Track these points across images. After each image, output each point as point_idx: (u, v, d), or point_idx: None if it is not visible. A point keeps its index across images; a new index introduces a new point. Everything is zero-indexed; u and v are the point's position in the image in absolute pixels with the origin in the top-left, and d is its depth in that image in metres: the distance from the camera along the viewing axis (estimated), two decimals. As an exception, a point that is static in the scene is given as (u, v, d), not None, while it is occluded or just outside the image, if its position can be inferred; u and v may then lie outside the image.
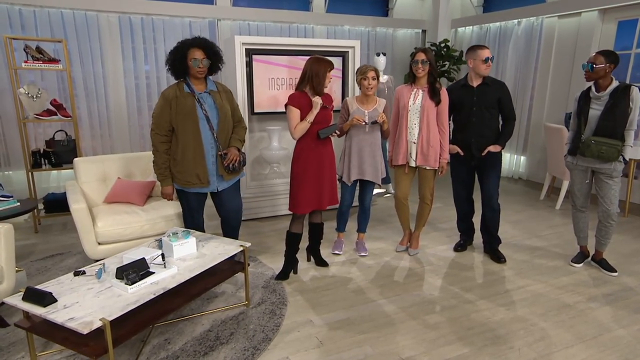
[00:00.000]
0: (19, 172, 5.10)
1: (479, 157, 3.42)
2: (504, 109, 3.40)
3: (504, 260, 3.55)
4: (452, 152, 3.48)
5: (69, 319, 1.94)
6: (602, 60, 2.98)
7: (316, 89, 3.00)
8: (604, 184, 3.18)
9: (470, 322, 2.71)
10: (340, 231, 3.77)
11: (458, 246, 3.80)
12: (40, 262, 3.53)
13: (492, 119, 3.40)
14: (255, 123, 4.74)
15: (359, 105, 3.38)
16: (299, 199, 3.10)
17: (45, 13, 4.98)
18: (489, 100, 3.34)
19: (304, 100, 3.01)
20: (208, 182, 2.96)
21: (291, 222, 3.22)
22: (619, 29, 5.22)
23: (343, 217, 3.71)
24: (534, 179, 6.26)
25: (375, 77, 3.27)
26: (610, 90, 3.03)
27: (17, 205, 3.28)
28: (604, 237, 3.32)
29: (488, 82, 3.36)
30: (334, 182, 3.24)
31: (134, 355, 2.35)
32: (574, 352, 2.43)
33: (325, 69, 2.98)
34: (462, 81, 3.48)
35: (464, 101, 3.40)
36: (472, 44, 6.94)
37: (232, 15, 5.89)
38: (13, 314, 2.73)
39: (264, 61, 4.37)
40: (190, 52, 2.79)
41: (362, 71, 3.28)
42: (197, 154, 2.89)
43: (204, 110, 2.85)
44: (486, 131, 3.38)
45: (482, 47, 3.30)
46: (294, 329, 2.62)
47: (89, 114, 5.38)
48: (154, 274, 2.31)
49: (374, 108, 3.39)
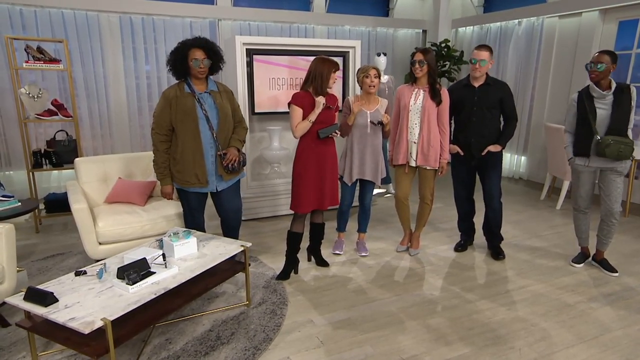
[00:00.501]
0: (19, 172, 5.11)
1: (479, 157, 3.42)
2: (506, 109, 3.39)
3: (502, 257, 3.59)
4: (452, 152, 3.48)
5: (70, 319, 1.95)
6: (607, 59, 2.98)
7: (320, 89, 3.01)
8: (611, 182, 3.18)
9: (471, 322, 2.71)
10: (340, 231, 3.77)
11: (458, 246, 3.81)
12: (41, 262, 3.53)
13: (493, 119, 3.40)
14: (255, 123, 4.75)
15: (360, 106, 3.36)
16: (301, 198, 3.10)
17: (46, 13, 4.98)
18: (490, 100, 3.34)
19: (307, 99, 3.02)
20: (207, 182, 2.96)
21: (292, 222, 3.22)
22: (619, 29, 5.22)
23: (343, 216, 3.70)
24: (535, 179, 6.26)
25: (377, 75, 3.27)
26: (614, 89, 3.04)
27: (18, 205, 3.28)
28: (606, 236, 3.32)
29: (490, 82, 3.35)
30: (335, 182, 3.24)
31: (135, 355, 2.36)
32: (574, 352, 2.43)
33: (329, 70, 2.99)
34: (464, 81, 3.47)
35: (465, 101, 3.40)
36: (472, 44, 7.02)
37: (232, 15, 5.90)
38: (14, 313, 2.73)
39: (265, 61, 4.37)
40: (191, 52, 2.80)
41: (363, 69, 3.28)
42: (196, 154, 2.89)
43: (203, 110, 2.85)
44: (486, 131, 3.38)
45: (478, 47, 3.31)
46: (294, 329, 2.62)
47: (90, 114, 5.39)
48: (155, 274, 2.31)
49: (375, 109, 3.38)
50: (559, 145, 4.79)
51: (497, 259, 3.60)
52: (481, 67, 3.27)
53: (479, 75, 3.32)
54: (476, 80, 3.37)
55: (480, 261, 3.60)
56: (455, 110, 3.48)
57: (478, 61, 3.26)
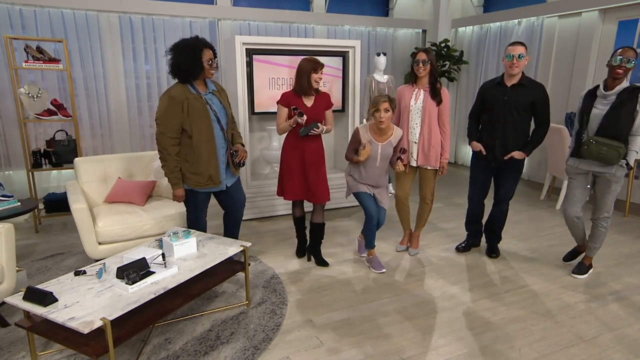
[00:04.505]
0: (19, 172, 5.11)
1: (501, 161, 3.29)
2: (537, 113, 3.20)
3: (495, 256, 3.62)
4: (476, 150, 3.39)
5: (70, 319, 1.95)
6: (634, 55, 2.81)
7: (304, 88, 3.12)
8: (601, 189, 3.07)
9: (470, 322, 2.71)
10: (371, 248, 3.45)
11: (461, 246, 3.78)
12: (41, 261, 3.53)
13: (522, 122, 3.21)
14: (255, 123, 4.75)
15: (372, 137, 3.15)
16: (284, 186, 3.34)
17: (45, 13, 4.98)
18: (520, 102, 3.15)
19: (293, 100, 3.17)
20: (220, 182, 2.98)
21: (292, 208, 3.53)
22: (619, 29, 5.22)
23: (374, 231, 3.37)
24: (535, 179, 6.26)
25: (388, 109, 3.03)
26: (618, 90, 2.88)
27: (18, 205, 3.28)
28: (595, 241, 3.24)
29: (524, 83, 3.15)
30: (321, 177, 3.30)
31: (135, 354, 2.35)
32: (574, 352, 2.42)
33: (309, 70, 3.08)
34: (497, 79, 3.30)
35: (494, 100, 3.24)
36: (472, 44, 7.03)
37: (232, 15, 5.90)
38: (14, 313, 2.73)
39: (265, 61, 4.37)
40: (205, 52, 2.77)
41: (374, 102, 3.06)
42: (211, 155, 2.89)
43: (213, 111, 2.86)
44: (512, 134, 3.21)
45: (512, 44, 3.13)
46: (294, 329, 2.62)
47: (90, 113, 5.39)
48: (155, 273, 2.31)
49: (387, 141, 3.16)
50: (559, 145, 4.79)
51: (490, 257, 3.63)
52: (519, 62, 3.06)
53: (517, 72, 3.11)
54: (510, 78, 3.17)
55: (480, 261, 3.60)
56: (484, 109, 3.36)
57: (514, 56, 3.05)
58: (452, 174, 6.79)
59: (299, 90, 3.17)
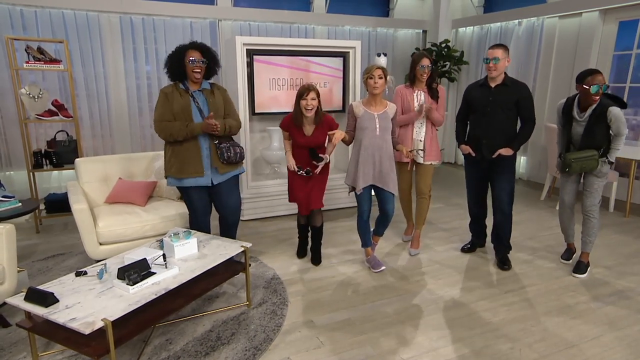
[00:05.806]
0: (20, 173, 5.11)
1: (490, 160, 3.33)
2: (522, 110, 3.27)
3: (507, 268, 3.43)
4: (465, 152, 3.45)
5: (71, 319, 1.95)
6: (603, 79, 3.00)
7: (296, 117, 3.21)
8: (589, 182, 3.26)
9: (471, 323, 2.71)
10: (367, 246, 3.46)
11: (465, 247, 3.78)
12: (42, 262, 3.54)
13: (508, 121, 3.28)
14: (255, 123, 4.75)
15: (366, 109, 3.16)
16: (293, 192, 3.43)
17: (46, 13, 4.99)
18: (505, 101, 3.23)
19: (292, 128, 3.26)
20: (202, 172, 3.00)
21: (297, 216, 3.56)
22: (619, 29, 5.22)
23: (367, 229, 3.39)
24: (535, 180, 6.26)
25: (382, 76, 3.11)
26: (589, 112, 3.10)
27: (19, 206, 3.29)
28: (589, 234, 3.31)
29: (507, 83, 3.25)
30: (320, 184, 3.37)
31: (136, 355, 2.36)
32: (574, 352, 2.43)
33: (297, 97, 3.16)
34: (481, 81, 3.38)
35: (478, 101, 3.32)
36: (472, 44, 7.03)
37: (232, 16, 5.90)
38: (15, 314, 2.73)
39: (265, 61, 4.37)
40: (187, 53, 2.93)
41: (367, 70, 3.14)
42: (192, 144, 2.97)
43: (196, 103, 2.97)
44: (499, 133, 3.27)
45: (491, 47, 3.24)
46: (295, 330, 2.62)
47: (90, 114, 5.39)
48: (156, 274, 2.31)
49: (383, 111, 3.17)
50: (559, 145, 4.79)
51: (502, 269, 3.43)
52: (496, 66, 3.16)
53: (496, 75, 3.21)
54: (493, 80, 3.26)
55: (481, 262, 3.60)
56: (470, 109, 3.43)
57: (491, 59, 3.16)
58: (452, 174, 6.80)
59: (295, 119, 3.21)
